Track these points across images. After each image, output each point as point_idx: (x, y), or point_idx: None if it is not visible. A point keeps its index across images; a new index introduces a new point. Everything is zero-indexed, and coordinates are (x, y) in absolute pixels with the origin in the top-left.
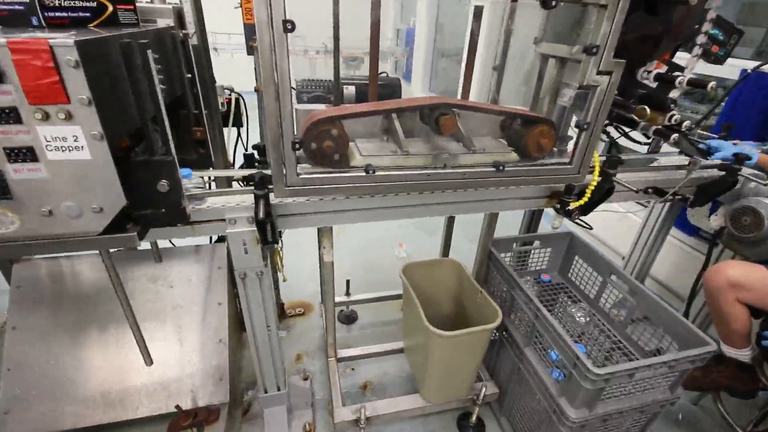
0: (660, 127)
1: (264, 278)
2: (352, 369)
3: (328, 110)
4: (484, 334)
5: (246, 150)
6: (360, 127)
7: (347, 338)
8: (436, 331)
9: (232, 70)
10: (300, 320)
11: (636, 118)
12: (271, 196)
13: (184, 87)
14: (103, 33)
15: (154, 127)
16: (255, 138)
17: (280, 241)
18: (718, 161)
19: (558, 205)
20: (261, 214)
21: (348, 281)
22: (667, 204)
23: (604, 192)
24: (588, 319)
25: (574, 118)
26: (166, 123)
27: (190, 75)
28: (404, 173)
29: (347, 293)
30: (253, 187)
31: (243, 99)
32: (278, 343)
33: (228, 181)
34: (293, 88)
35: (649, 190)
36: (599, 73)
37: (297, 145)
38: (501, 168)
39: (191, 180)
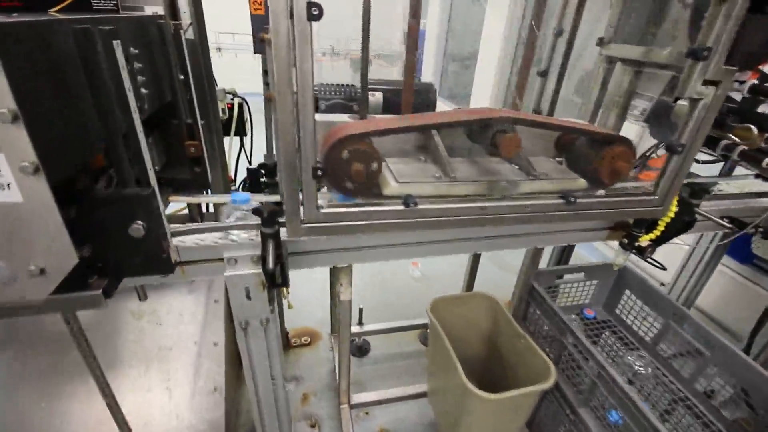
0: (746, 148)
1: (270, 326)
2: (366, 413)
3: (356, 124)
4: (533, 395)
5: (250, 163)
6: (389, 144)
7: (359, 373)
8: (478, 392)
9: (235, 71)
10: (306, 352)
11: (737, 139)
12: (283, 231)
13: (176, 91)
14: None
15: (126, 148)
16: (260, 147)
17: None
18: None
19: (625, 240)
20: (270, 263)
21: (361, 309)
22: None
23: (682, 225)
24: (650, 370)
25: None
26: (143, 143)
27: (183, 76)
28: (453, 206)
29: (360, 323)
30: (259, 222)
31: (247, 104)
32: (285, 398)
33: None
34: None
35: (724, 219)
36: (705, 83)
37: (319, 172)
38: (573, 200)
39: (248, 205)
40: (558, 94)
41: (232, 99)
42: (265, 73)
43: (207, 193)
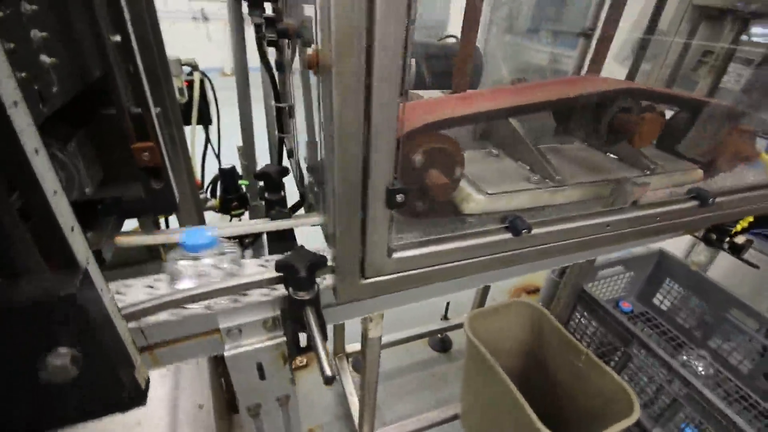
0: None
1: (291, 404)
2: None
3: (422, 104)
4: None
5: (219, 161)
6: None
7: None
8: None
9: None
10: (305, 375)
11: None
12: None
13: (109, 62)
14: None
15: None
16: (229, 137)
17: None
18: None
19: (713, 235)
20: (319, 343)
21: None
22: None
23: None
24: (711, 371)
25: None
26: (42, 166)
27: (120, 38)
28: (570, 227)
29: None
30: (278, 276)
31: (209, 80)
32: None
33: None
34: None
35: None
36: None
37: (399, 197)
38: (711, 201)
39: (212, 251)
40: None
41: (191, 74)
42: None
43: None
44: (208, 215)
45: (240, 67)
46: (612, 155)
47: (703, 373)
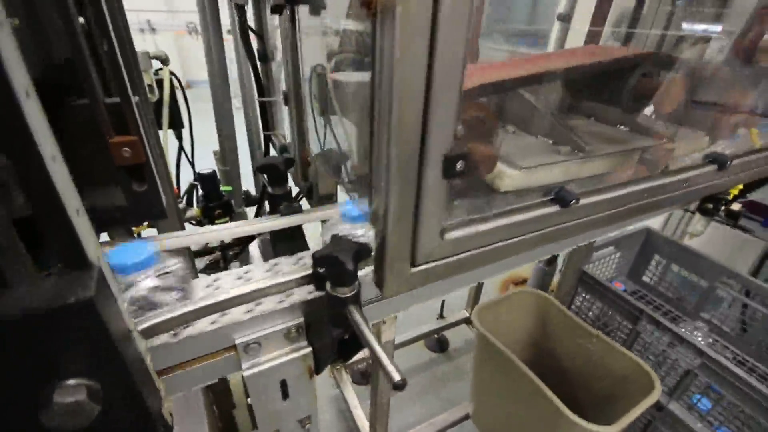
0: None
1: (312, 426)
2: None
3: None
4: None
5: (193, 167)
6: None
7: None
8: (589, 426)
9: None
10: None
11: None
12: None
13: (80, 44)
14: None
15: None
16: (204, 146)
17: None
18: None
19: (709, 204)
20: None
21: None
22: None
23: None
24: (710, 340)
25: None
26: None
27: (83, 19)
28: (614, 195)
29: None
30: (308, 276)
31: (178, 79)
32: None
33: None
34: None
35: None
36: None
37: (460, 165)
38: (728, 164)
39: (146, 273)
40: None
41: (159, 72)
42: None
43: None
44: (189, 228)
45: (217, 61)
46: (622, 127)
47: (703, 343)
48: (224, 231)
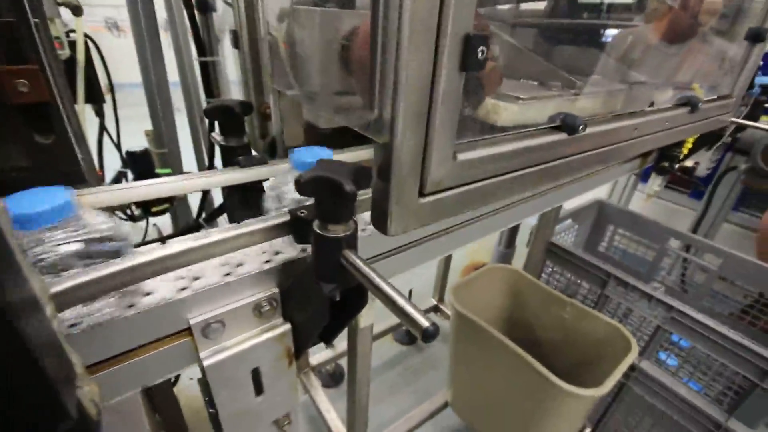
0: None
1: (295, 424)
2: None
3: None
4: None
5: (119, 148)
6: None
7: (343, 409)
8: (573, 389)
9: None
10: None
11: None
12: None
13: None
14: None
15: None
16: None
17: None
18: None
19: (665, 163)
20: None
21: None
22: None
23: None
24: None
25: None
26: None
27: None
28: (613, 127)
29: (330, 344)
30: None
31: (97, 46)
32: None
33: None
34: None
35: None
36: None
37: (482, 51)
38: (699, 107)
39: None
40: None
41: (70, 35)
42: None
43: None
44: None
45: (146, 13)
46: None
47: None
48: (168, 185)
